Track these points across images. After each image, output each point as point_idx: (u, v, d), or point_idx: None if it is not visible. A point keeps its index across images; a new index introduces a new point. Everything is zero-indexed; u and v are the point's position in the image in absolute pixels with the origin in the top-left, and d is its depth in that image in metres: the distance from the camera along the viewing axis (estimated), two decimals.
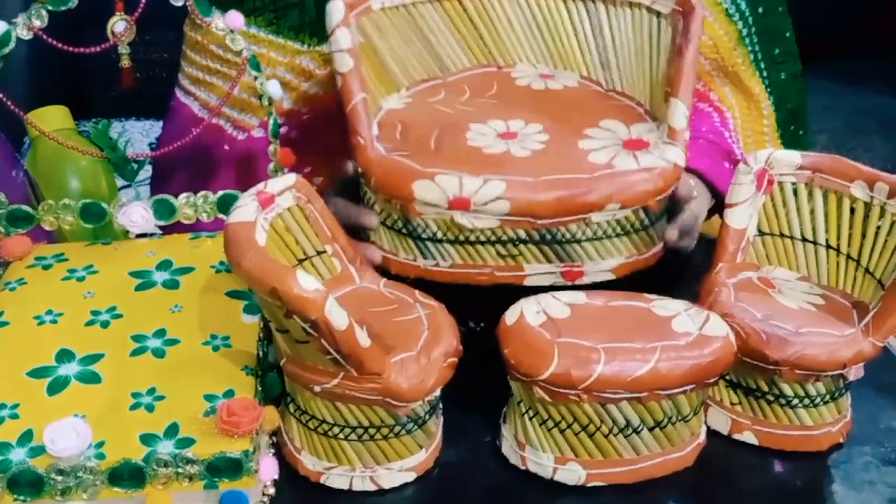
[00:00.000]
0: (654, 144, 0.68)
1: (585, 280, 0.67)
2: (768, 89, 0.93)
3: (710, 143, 0.88)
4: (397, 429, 0.60)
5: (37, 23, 0.68)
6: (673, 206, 0.70)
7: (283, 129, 0.77)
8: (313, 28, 0.82)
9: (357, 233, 0.70)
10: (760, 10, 0.91)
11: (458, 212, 0.64)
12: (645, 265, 0.69)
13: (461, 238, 0.65)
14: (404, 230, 0.67)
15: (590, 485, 0.61)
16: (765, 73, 0.93)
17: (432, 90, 0.76)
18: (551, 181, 0.64)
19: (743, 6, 0.90)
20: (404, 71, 0.76)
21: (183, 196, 0.74)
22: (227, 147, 0.85)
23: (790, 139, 0.96)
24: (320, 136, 0.83)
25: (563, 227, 0.65)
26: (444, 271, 0.67)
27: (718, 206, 0.87)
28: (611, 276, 0.67)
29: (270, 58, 0.83)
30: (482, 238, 0.65)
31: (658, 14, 0.73)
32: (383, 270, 0.69)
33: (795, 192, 0.69)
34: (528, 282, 0.67)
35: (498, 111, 0.73)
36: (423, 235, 0.66)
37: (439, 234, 0.66)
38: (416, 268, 0.68)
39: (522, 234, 0.65)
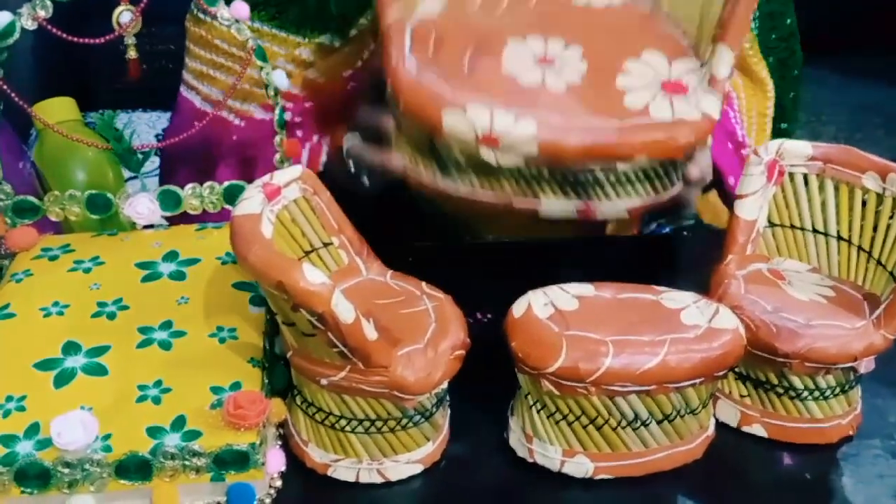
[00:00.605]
0: (693, 91, 0.66)
1: (598, 216, 0.66)
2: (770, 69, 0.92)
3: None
4: (404, 421, 0.60)
5: (41, 13, 0.68)
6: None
7: (287, 115, 0.77)
8: (314, 22, 0.82)
9: (378, 142, 0.69)
10: None
11: (485, 147, 0.63)
12: (660, 205, 0.68)
13: (484, 168, 0.64)
14: (428, 151, 0.66)
15: (598, 478, 0.61)
16: (764, 56, 0.92)
17: None
18: (583, 126, 0.63)
19: None
20: None
21: (189, 187, 0.74)
22: (235, 138, 0.85)
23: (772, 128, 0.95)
24: (323, 119, 0.83)
25: (588, 172, 0.64)
26: (463, 192, 0.66)
27: (716, 183, 0.86)
28: (625, 215, 0.67)
29: (272, 51, 0.83)
30: (505, 172, 0.64)
31: None
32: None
33: (806, 183, 0.69)
34: (541, 213, 0.66)
35: (537, 26, 0.69)
36: (448, 160, 0.65)
37: (463, 162, 0.64)
38: (434, 185, 0.66)
39: (546, 174, 0.64)
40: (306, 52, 0.83)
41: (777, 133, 0.95)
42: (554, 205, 0.66)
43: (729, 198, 0.89)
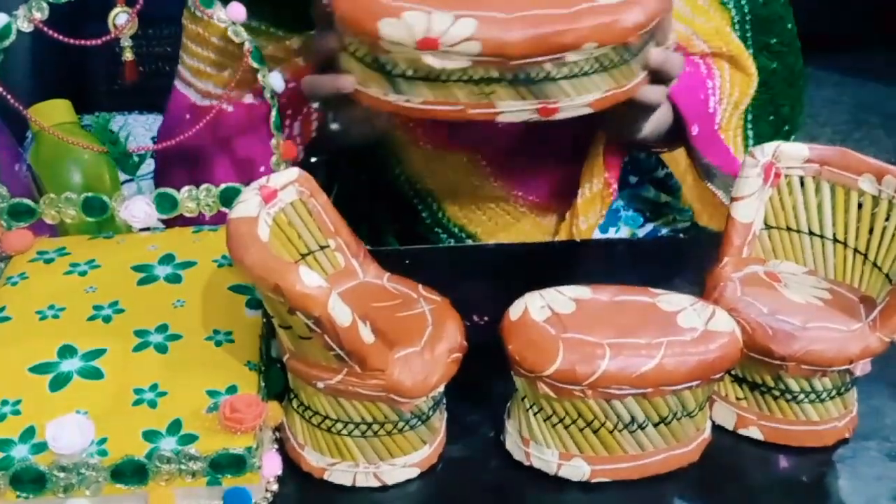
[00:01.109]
0: None
1: (560, 116, 0.64)
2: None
3: (690, 76, 0.87)
4: (401, 425, 0.60)
5: (37, 15, 0.68)
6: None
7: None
8: (310, 20, 0.82)
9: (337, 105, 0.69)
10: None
11: (426, 52, 0.61)
12: (624, 97, 0.66)
13: (431, 76, 0.63)
14: (373, 65, 0.64)
15: (594, 481, 0.61)
16: (767, 60, 0.92)
17: None
18: (525, 18, 0.61)
19: None
20: None
21: (185, 189, 0.74)
22: (227, 125, 0.84)
23: (768, 128, 0.95)
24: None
25: (538, 67, 0.62)
26: (416, 108, 0.64)
27: (679, 131, 0.85)
28: (588, 111, 0.65)
29: (264, 45, 0.83)
30: (453, 77, 0.62)
31: None
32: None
33: (803, 186, 0.69)
34: (501, 118, 0.64)
35: None
36: (393, 72, 0.63)
37: (409, 73, 0.63)
38: (387, 103, 0.65)
39: (495, 74, 0.62)
40: (295, 42, 0.84)
41: (776, 135, 0.95)
42: (511, 107, 0.63)
43: (694, 152, 0.89)
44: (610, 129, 0.87)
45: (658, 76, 0.70)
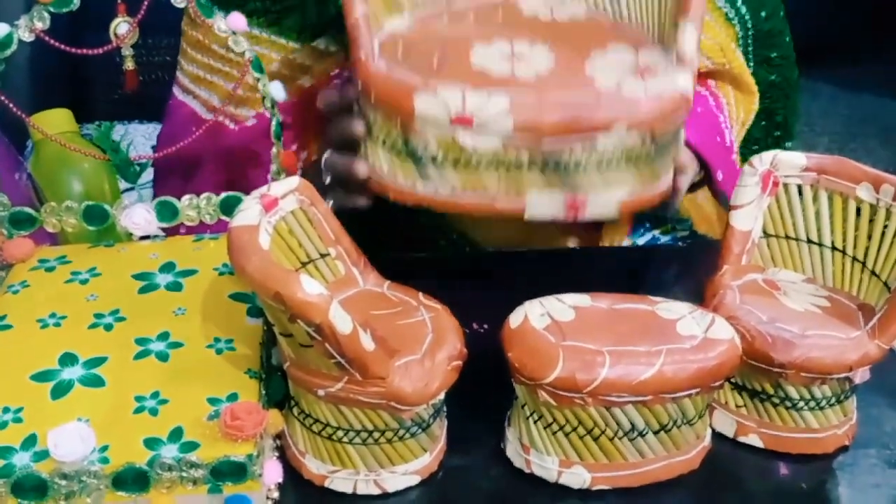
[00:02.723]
0: (664, 71, 0.65)
1: (588, 214, 0.66)
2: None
3: (704, 118, 0.88)
4: (401, 432, 0.60)
5: (39, 24, 0.68)
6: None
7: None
8: (313, 27, 0.82)
9: (350, 185, 0.70)
10: (763, 14, 0.92)
11: (460, 129, 0.63)
12: (649, 203, 0.68)
13: (462, 160, 0.64)
14: (404, 151, 0.65)
15: (595, 488, 0.61)
16: (766, 73, 0.93)
17: (436, 17, 0.73)
18: (556, 101, 0.63)
19: (743, 10, 0.91)
20: (410, 1, 0.74)
21: (186, 198, 0.74)
22: (228, 142, 0.85)
23: (758, 133, 0.96)
24: (302, 131, 0.83)
25: (568, 151, 0.63)
26: (444, 199, 0.66)
27: (705, 178, 0.86)
28: (615, 212, 0.66)
29: (269, 56, 0.83)
30: (483, 161, 0.64)
31: None
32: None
33: (801, 194, 0.69)
34: (528, 213, 0.65)
35: (503, 34, 0.70)
36: (424, 157, 0.65)
37: (440, 156, 0.64)
38: (413, 194, 0.66)
39: (525, 159, 0.63)
40: (301, 56, 0.84)
41: (770, 144, 0.96)
42: (540, 199, 0.65)
43: (719, 193, 0.89)
44: None
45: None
